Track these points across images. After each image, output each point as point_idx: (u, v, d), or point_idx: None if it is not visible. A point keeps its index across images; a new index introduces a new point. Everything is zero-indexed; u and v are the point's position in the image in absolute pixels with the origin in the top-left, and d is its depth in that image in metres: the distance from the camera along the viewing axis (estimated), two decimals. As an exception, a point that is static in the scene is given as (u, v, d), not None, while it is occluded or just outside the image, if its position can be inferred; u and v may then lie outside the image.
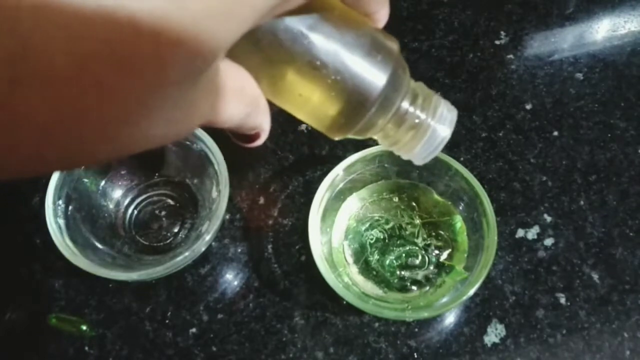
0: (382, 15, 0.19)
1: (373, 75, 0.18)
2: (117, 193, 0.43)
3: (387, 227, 0.41)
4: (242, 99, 0.17)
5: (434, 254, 0.40)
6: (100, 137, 0.12)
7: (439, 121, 0.22)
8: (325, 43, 0.17)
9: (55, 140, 0.11)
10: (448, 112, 0.22)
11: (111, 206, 0.42)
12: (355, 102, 0.18)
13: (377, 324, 0.39)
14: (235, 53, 0.15)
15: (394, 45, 0.19)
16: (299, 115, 0.20)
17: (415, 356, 0.38)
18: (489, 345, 0.38)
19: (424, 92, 0.22)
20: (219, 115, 0.16)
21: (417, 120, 0.21)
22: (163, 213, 0.43)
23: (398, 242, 0.40)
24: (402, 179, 0.42)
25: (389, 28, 0.21)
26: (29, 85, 0.10)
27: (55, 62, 0.10)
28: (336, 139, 0.21)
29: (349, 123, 0.19)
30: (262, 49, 0.14)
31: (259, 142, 0.21)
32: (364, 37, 0.18)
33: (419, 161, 0.23)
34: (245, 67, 0.18)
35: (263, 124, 0.20)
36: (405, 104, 0.21)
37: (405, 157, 0.23)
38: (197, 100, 0.14)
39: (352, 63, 0.18)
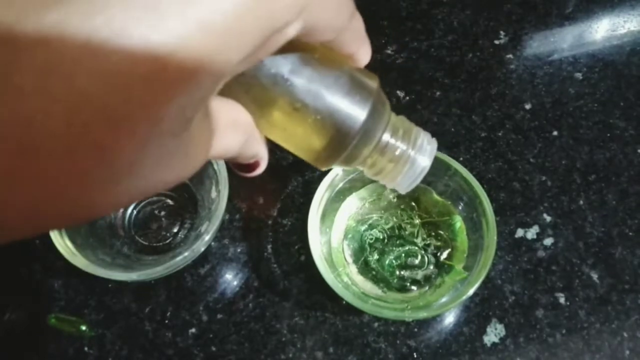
0: (362, 54, 0.20)
1: (352, 113, 0.20)
2: (117, 193, 0.43)
3: (386, 227, 0.41)
4: (236, 130, 0.18)
5: (433, 253, 0.40)
6: (100, 194, 0.12)
7: (419, 152, 0.23)
8: (306, 85, 0.19)
9: (57, 200, 0.12)
10: (428, 144, 0.23)
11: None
12: (336, 138, 0.20)
13: (376, 324, 0.39)
14: (223, 92, 0.16)
15: (373, 83, 0.21)
16: (287, 147, 0.21)
17: (415, 356, 0.38)
18: (488, 345, 0.38)
19: (405, 125, 0.23)
20: (217, 150, 0.17)
21: (397, 152, 0.23)
22: (162, 213, 0.43)
23: (397, 242, 0.40)
24: (401, 178, 0.42)
25: (389, 28, 0.21)
26: (35, 153, 0.11)
27: (57, 133, 0.11)
28: (323, 169, 0.23)
29: (332, 156, 0.21)
30: (247, 90, 0.15)
31: (259, 170, 0.22)
32: (342, 77, 0.19)
33: (402, 190, 0.24)
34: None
35: (260, 151, 0.21)
36: (386, 137, 0.22)
37: (389, 186, 0.24)
38: (193, 142, 0.15)
39: (331, 103, 0.19)
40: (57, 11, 0.10)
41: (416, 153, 0.23)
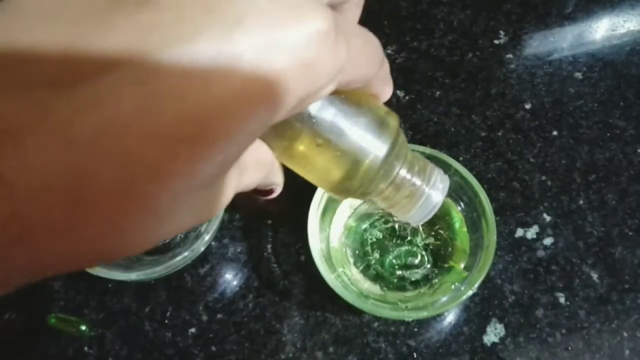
0: (385, 93, 0.21)
1: (372, 151, 0.20)
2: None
3: (386, 226, 0.41)
4: (259, 169, 0.19)
5: (433, 253, 0.40)
6: (134, 240, 0.13)
7: (433, 188, 0.24)
8: (330, 124, 0.19)
9: (100, 245, 0.13)
10: (441, 182, 0.24)
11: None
12: (354, 173, 0.21)
13: (376, 324, 0.39)
14: None
15: (393, 121, 0.21)
16: (305, 177, 0.22)
17: (415, 356, 0.38)
18: (488, 344, 0.38)
19: (420, 162, 0.24)
20: (239, 188, 0.18)
21: (412, 188, 0.23)
22: (162, 213, 0.43)
23: (397, 241, 0.40)
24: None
25: (389, 27, 0.21)
26: (85, 207, 0.11)
27: (106, 188, 0.11)
28: (338, 199, 0.23)
29: (349, 190, 0.21)
30: (273, 128, 0.15)
31: (275, 194, 0.23)
32: (365, 117, 0.20)
33: (414, 223, 0.25)
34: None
35: (277, 180, 0.22)
36: (402, 173, 0.23)
37: (402, 219, 0.25)
38: (223, 188, 0.16)
39: (353, 141, 0.20)
40: (112, 76, 0.11)
41: (430, 190, 0.24)
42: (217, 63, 0.12)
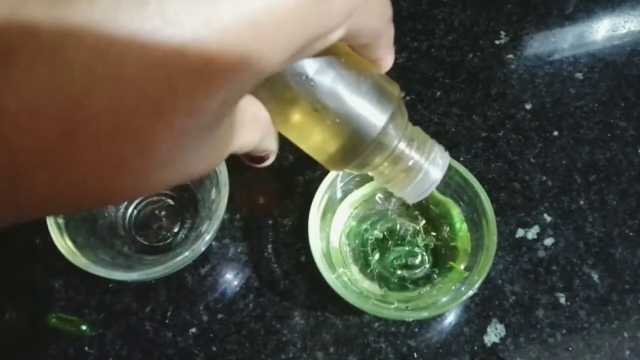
0: (387, 61, 0.20)
1: (371, 120, 0.19)
2: (117, 193, 0.43)
3: (387, 227, 0.41)
4: (257, 127, 0.18)
5: (433, 253, 0.40)
6: (131, 181, 0.12)
7: (432, 164, 0.23)
8: (329, 87, 0.18)
9: (96, 182, 0.12)
10: (440, 158, 0.23)
11: (111, 206, 0.42)
12: (352, 143, 0.20)
13: (377, 324, 0.39)
14: None
15: (394, 90, 0.20)
16: (300, 146, 0.21)
17: (415, 356, 0.38)
18: (488, 345, 0.38)
19: (420, 136, 0.23)
20: (237, 144, 0.17)
21: (411, 162, 0.22)
22: (163, 213, 0.43)
23: (398, 241, 0.40)
24: (402, 178, 0.42)
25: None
26: (78, 136, 0.11)
27: (101, 118, 0.11)
28: (332, 171, 0.22)
29: (345, 160, 0.21)
30: (269, 87, 0.15)
31: (269, 162, 0.22)
32: (365, 83, 0.19)
33: (410, 200, 0.24)
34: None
35: (272, 146, 0.21)
36: (401, 146, 0.22)
37: (397, 194, 0.24)
38: (222, 136, 0.15)
39: (352, 107, 0.19)
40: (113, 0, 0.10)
41: (429, 165, 0.23)
42: None
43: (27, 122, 0.10)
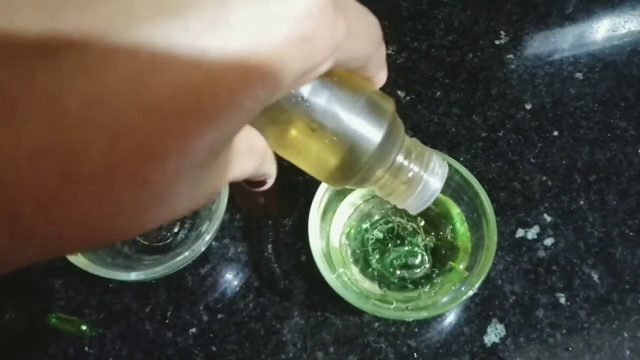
0: (380, 78, 0.21)
1: (368, 136, 0.20)
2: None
3: (387, 227, 0.41)
4: (253, 157, 0.19)
5: (433, 253, 0.40)
6: (127, 221, 0.13)
7: (431, 175, 0.23)
8: (324, 107, 0.19)
9: (96, 224, 0.12)
10: (439, 168, 0.24)
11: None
12: (351, 159, 0.20)
13: (377, 324, 0.39)
14: None
15: (389, 105, 0.21)
16: (300, 166, 0.21)
17: (415, 356, 0.38)
18: (488, 345, 0.38)
19: (418, 148, 0.23)
20: (233, 175, 0.18)
21: (410, 175, 0.23)
22: (163, 213, 0.43)
23: (398, 241, 0.40)
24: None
25: (389, 28, 0.21)
26: (74, 180, 0.11)
27: (96, 163, 0.11)
28: (336, 188, 0.22)
29: (346, 177, 0.21)
30: (265, 111, 0.15)
31: (267, 186, 0.22)
32: (360, 100, 0.20)
33: (412, 211, 0.25)
34: (250, 124, 0.18)
35: (270, 170, 0.21)
36: (399, 159, 0.22)
37: (400, 206, 0.25)
38: (217, 171, 0.15)
39: (348, 125, 0.19)
40: (101, 46, 0.11)
41: (428, 176, 0.23)
42: (212, 35, 0.11)
43: (25, 174, 0.11)
